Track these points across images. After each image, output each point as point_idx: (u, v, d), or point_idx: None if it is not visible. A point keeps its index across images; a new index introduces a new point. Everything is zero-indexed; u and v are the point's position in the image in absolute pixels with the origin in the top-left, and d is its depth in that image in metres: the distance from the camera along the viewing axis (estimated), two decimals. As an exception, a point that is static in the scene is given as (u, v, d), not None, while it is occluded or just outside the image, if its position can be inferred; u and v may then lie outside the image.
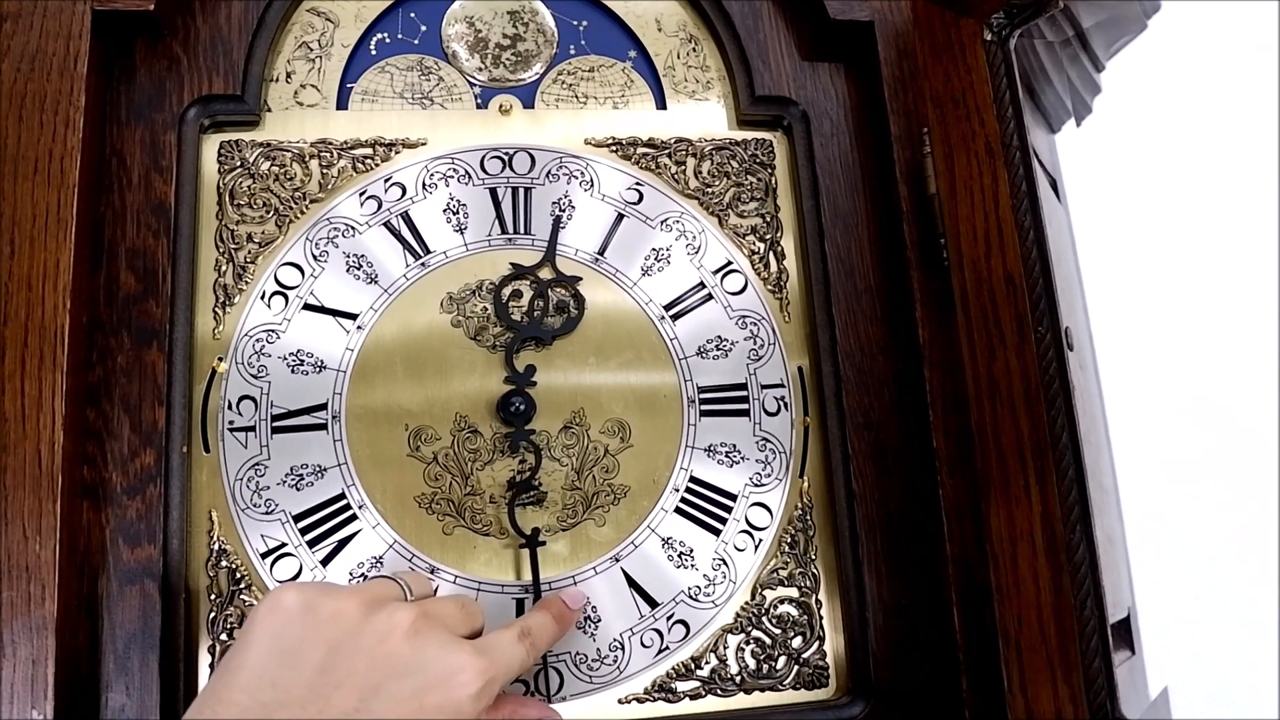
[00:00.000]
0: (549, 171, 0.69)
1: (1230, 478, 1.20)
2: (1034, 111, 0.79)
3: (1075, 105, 0.82)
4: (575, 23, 0.74)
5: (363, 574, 0.61)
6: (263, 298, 0.64)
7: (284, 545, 0.61)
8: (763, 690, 0.63)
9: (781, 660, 0.64)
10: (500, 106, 0.71)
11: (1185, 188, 1.26)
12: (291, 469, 0.62)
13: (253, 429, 0.62)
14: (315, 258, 0.65)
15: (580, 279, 0.67)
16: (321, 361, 0.63)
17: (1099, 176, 1.15)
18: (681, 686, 0.62)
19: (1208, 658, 1.15)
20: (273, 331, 0.64)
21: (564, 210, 0.69)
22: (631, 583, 0.63)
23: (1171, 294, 1.24)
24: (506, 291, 0.66)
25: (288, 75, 0.69)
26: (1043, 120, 0.82)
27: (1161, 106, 1.26)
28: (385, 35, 0.71)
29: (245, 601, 0.59)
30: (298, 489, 0.61)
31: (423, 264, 0.66)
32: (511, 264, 0.67)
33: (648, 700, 0.62)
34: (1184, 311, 1.23)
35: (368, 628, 0.48)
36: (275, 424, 0.62)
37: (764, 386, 0.68)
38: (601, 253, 0.68)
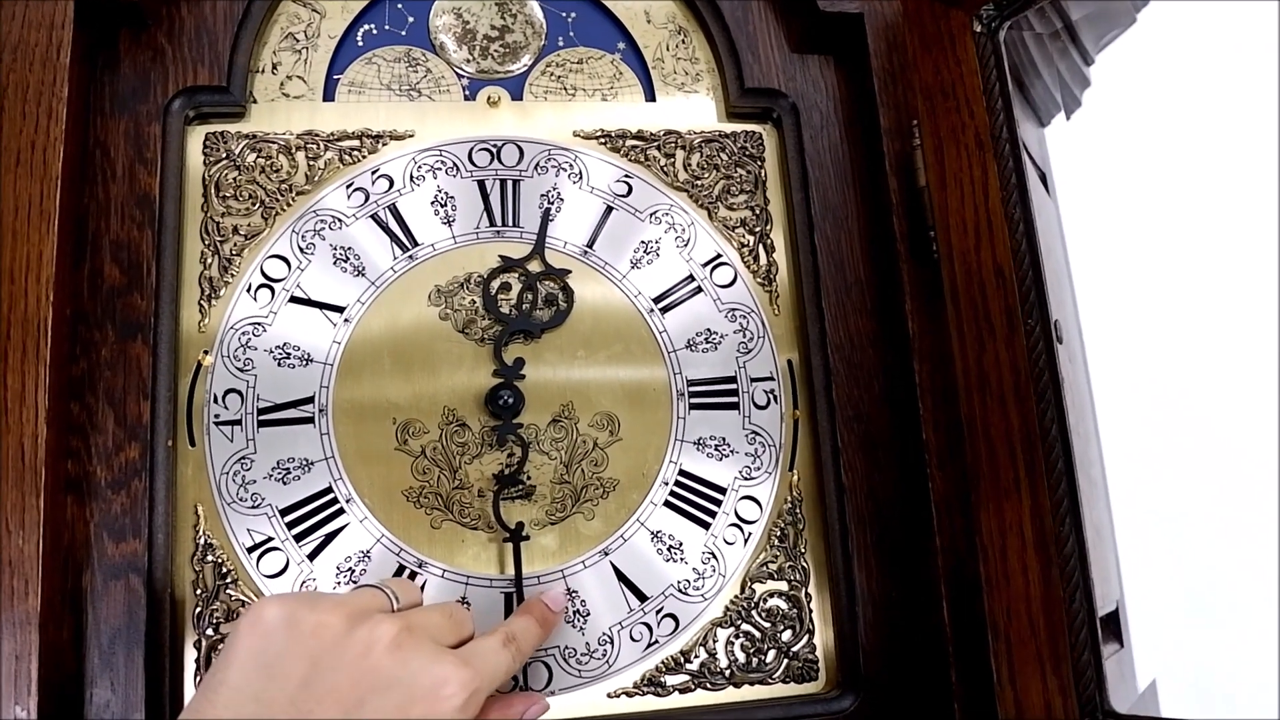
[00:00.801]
0: (537, 164, 0.69)
1: (1219, 470, 1.20)
2: (1023, 104, 0.79)
3: (1064, 98, 0.82)
4: (564, 14, 0.73)
5: (350, 568, 0.61)
6: (249, 290, 0.64)
7: (270, 539, 0.60)
8: (752, 684, 0.63)
9: (771, 654, 0.64)
10: (488, 98, 0.70)
11: (1174, 182, 1.27)
12: (278, 463, 0.61)
13: (239, 422, 0.61)
14: (302, 250, 0.65)
15: (569, 271, 0.67)
16: (308, 355, 0.63)
17: (1088, 170, 1.15)
18: (671, 680, 0.62)
19: (1196, 651, 1.16)
20: (259, 324, 0.63)
21: (553, 202, 0.68)
22: (620, 576, 0.63)
23: (1160, 287, 1.24)
24: (495, 284, 0.66)
25: (274, 67, 0.68)
26: (1032, 113, 0.82)
27: (1150, 100, 1.26)
28: (372, 27, 0.71)
29: (231, 596, 0.59)
30: (284, 483, 0.61)
31: (410, 256, 0.66)
32: (500, 256, 0.66)
33: (637, 694, 0.62)
34: (1173, 304, 1.24)
35: (351, 641, 0.48)
36: (261, 417, 0.62)
37: (753, 380, 0.68)
38: (590, 245, 0.68)
